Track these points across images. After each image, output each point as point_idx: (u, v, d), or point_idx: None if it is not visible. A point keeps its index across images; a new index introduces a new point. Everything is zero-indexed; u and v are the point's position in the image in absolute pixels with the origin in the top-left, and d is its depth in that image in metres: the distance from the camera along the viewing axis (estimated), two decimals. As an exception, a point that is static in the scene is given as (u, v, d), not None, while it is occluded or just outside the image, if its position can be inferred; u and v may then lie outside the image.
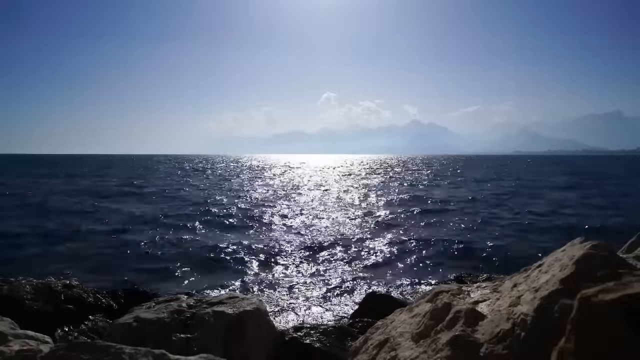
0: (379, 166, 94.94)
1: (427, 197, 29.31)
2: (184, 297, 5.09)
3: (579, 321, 1.35)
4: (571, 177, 51.34)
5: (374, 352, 2.97)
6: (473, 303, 2.71)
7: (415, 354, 2.57)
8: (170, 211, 21.90)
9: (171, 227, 17.43)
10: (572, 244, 2.51)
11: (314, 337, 4.71)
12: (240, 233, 16.19)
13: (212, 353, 2.88)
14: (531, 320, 2.13)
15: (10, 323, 3.51)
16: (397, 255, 12.99)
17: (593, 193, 31.21)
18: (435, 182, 44.07)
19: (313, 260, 12.31)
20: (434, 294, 3.10)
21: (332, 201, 26.97)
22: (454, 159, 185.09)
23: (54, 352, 2.63)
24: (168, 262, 12.02)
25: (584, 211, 22.00)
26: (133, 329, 4.31)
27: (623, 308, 1.28)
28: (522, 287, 2.54)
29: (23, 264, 11.24)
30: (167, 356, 2.62)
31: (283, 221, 19.01)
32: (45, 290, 5.73)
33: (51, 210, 21.31)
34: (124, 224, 17.85)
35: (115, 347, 2.57)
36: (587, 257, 2.20)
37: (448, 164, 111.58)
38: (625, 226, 16.51)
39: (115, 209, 22.54)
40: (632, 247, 3.41)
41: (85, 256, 12.53)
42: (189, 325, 4.40)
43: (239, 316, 4.53)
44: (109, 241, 14.59)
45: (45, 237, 14.92)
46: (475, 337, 2.34)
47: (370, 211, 22.18)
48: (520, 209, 22.59)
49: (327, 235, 15.83)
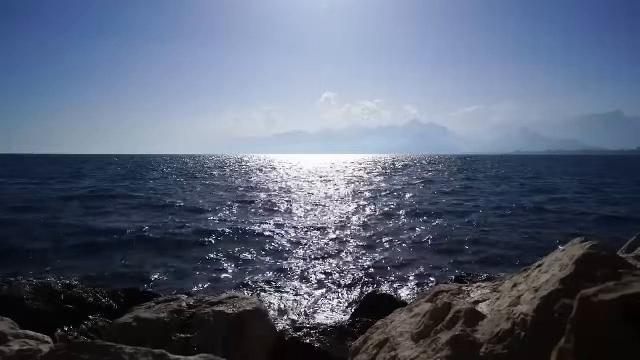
0: (384, 165, 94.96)
1: (427, 196, 29.32)
2: (184, 297, 5.09)
3: (579, 321, 1.35)
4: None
5: (374, 352, 2.97)
6: (473, 303, 2.72)
7: (415, 354, 2.57)
8: (170, 210, 21.91)
9: (171, 226, 17.43)
10: (572, 244, 2.51)
11: (314, 337, 4.71)
12: (240, 233, 16.18)
13: (212, 353, 2.88)
14: (531, 320, 2.13)
15: (10, 323, 3.51)
16: (397, 255, 12.99)
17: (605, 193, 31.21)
18: (440, 181, 44.10)
19: (313, 260, 12.31)
20: (434, 294, 3.10)
21: (332, 201, 26.96)
22: (460, 159, 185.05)
23: (54, 352, 2.63)
24: (168, 262, 12.02)
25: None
26: (133, 329, 4.31)
27: (623, 308, 1.28)
28: (522, 287, 2.54)
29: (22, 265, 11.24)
30: (167, 356, 2.62)
31: (283, 222, 19.01)
32: (45, 290, 5.73)
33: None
34: (124, 224, 17.87)
35: (115, 347, 2.57)
36: (587, 257, 2.20)
37: (462, 164, 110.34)
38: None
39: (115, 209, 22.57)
40: (632, 247, 3.41)
41: (86, 256, 12.54)
42: (189, 325, 4.41)
43: (239, 316, 4.53)
44: (109, 241, 14.59)
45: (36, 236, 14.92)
46: (475, 337, 2.34)
47: (371, 211, 22.19)
48: (525, 206, 22.61)
49: (327, 235, 15.84)
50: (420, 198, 28.46)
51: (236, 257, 12.65)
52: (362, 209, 23.16)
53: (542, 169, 75.04)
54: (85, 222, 18.13)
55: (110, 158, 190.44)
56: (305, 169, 78.43)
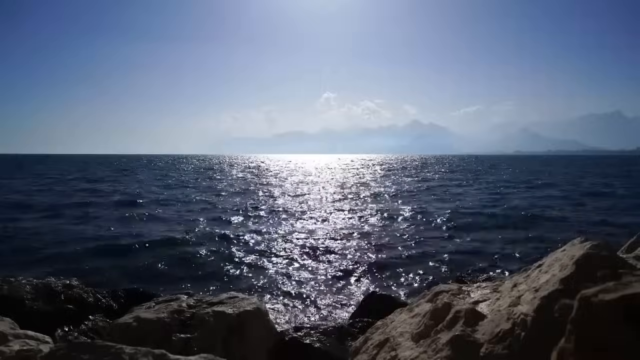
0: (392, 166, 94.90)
1: (427, 197, 29.31)
2: (184, 297, 5.08)
3: (579, 321, 1.35)
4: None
5: (374, 352, 2.97)
6: (473, 303, 2.71)
7: (415, 354, 2.57)
8: (169, 210, 21.91)
9: (171, 227, 17.42)
10: (572, 244, 2.51)
11: (314, 337, 4.71)
12: (240, 234, 16.18)
13: (212, 353, 2.88)
14: (531, 320, 2.13)
15: (10, 323, 3.51)
16: (397, 255, 12.99)
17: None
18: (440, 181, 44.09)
19: (313, 261, 12.31)
20: (434, 294, 3.10)
21: (333, 201, 26.96)
22: (462, 158, 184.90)
23: (54, 352, 2.63)
24: (168, 263, 12.01)
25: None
26: (133, 329, 4.31)
27: (623, 308, 1.28)
28: (522, 287, 2.54)
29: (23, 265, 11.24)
30: (167, 356, 2.62)
31: (283, 222, 19.01)
32: (45, 290, 5.72)
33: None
34: (123, 223, 17.87)
35: (115, 347, 2.57)
36: (587, 257, 2.20)
37: (476, 164, 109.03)
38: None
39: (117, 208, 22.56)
40: (632, 247, 3.41)
41: (85, 256, 12.53)
42: (189, 325, 4.40)
43: (239, 316, 4.53)
44: (108, 240, 14.58)
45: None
46: (475, 337, 2.34)
47: (371, 212, 22.18)
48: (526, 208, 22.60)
49: (327, 236, 15.83)
50: (420, 198, 28.46)
51: (236, 257, 12.65)
52: (362, 209, 23.15)
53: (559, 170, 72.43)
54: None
55: (110, 158, 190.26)
56: (305, 169, 78.38)
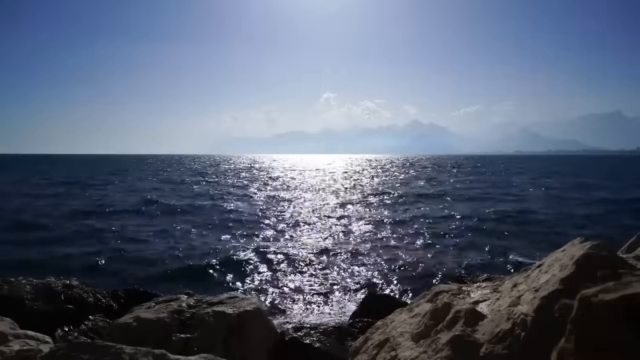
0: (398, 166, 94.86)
1: (427, 197, 29.31)
2: (184, 297, 5.08)
3: (579, 321, 1.35)
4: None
5: (374, 352, 2.97)
6: (473, 303, 2.71)
7: (415, 354, 2.57)
8: (168, 210, 21.90)
9: (170, 227, 17.42)
10: (572, 244, 2.51)
11: (314, 337, 4.71)
12: (240, 234, 16.17)
13: (212, 353, 2.88)
14: (531, 320, 2.13)
15: (10, 323, 3.51)
16: (397, 255, 12.98)
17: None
18: (434, 181, 44.08)
19: (313, 261, 12.30)
20: (434, 294, 3.10)
21: (332, 202, 26.95)
22: (467, 159, 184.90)
23: (54, 352, 2.63)
24: (168, 263, 12.01)
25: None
26: (133, 329, 4.31)
27: (623, 308, 1.28)
28: (522, 287, 2.54)
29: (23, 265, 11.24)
30: (167, 356, 2.62)
31: (283, 222, 19.00)
32: (45, 290, 5.72)
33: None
34: (122, 223, 17.86)
35: (115, 347, 2.57)
36: (587, 257, 2.20)
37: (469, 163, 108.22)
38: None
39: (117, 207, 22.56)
40: (632, 247, 3.41)
41: (85, 256, 12.53)
42: (189, 325, 4.40)
43: (239, 316, 4.52)
44: (108, 239, 14.58)
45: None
46: (475, 337, 2.34)
47: (371, 212, 22.17)
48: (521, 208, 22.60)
49: (327, 236, 15.83)
50: (419, 198, 28.45)
51: (236, 257, 12.64)
52: (362, 210, 23.15)
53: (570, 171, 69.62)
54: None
55: (110, 158, 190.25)
56: (306, 170, 78.34)
